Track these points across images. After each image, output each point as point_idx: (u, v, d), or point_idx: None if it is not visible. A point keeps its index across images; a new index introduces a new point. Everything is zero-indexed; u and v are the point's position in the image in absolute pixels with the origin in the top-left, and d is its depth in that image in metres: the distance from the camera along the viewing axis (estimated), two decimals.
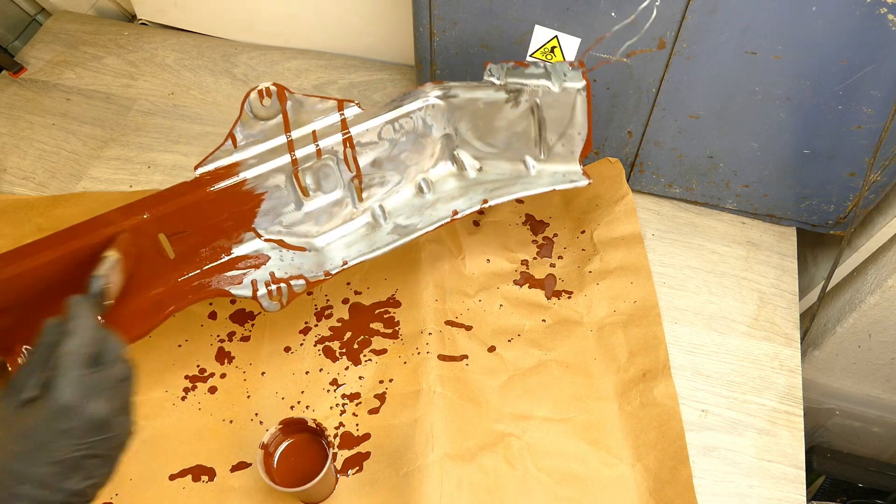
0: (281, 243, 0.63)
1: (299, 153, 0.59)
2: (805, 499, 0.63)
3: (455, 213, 0.64)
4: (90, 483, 0.39)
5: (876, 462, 0.97)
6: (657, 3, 0.60)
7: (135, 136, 0.86)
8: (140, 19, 0.99)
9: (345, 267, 0.63)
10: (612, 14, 0.62)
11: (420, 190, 0.67)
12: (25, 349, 0.48)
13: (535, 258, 0.76)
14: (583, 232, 0.77)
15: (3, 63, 0.91)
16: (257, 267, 0.62)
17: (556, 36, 0.66)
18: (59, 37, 0.96)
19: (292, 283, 0.61)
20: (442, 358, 0.68)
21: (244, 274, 0.61)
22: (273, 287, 0.60)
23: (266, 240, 0.63)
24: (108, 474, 0.40)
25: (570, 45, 0.66)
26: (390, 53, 0.94)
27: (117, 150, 0.85)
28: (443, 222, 0.64)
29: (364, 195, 0.66)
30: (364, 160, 0.63)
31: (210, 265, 0.61)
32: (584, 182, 0.65)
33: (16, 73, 0.92)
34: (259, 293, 0.60)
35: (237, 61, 0.94)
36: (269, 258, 0.63)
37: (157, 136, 0.86)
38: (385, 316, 0.71)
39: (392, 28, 0.90)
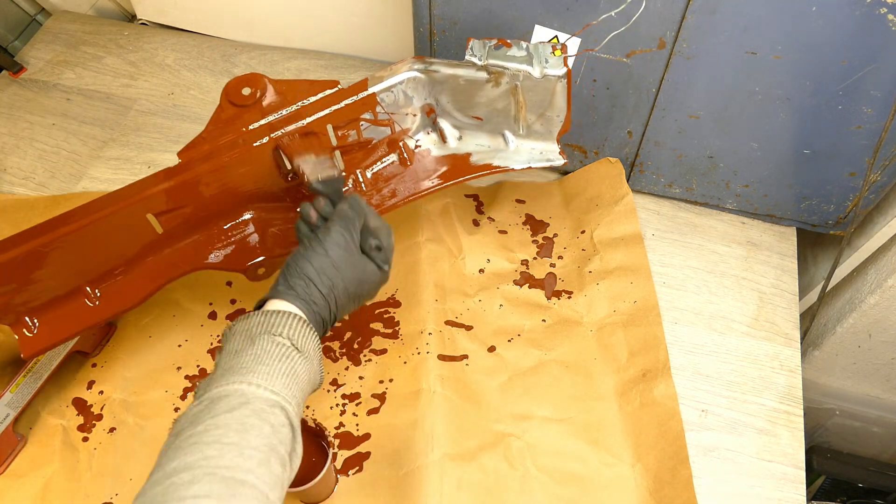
0: (267, 214, 0.64)
1: (279, 132, 0.60)
2: (805, 499, 0.63)
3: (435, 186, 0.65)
4: (341, 317, 0.53)
5: (876, 462, 0.97)
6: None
7: (135, 136, 0.86)
8: (140, 19, 0.99)
9: None
10: (612, 14, 0.62)
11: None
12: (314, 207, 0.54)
13: (535, 258, 0.76)
14: (583, 232, 0.77)
15: (3, 63, 0.91)
16: (246, 238, 0.62)
17: (556, 36, 0.66)
18: (59, 37, 0.96)
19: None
20: (442, 358, 0.68)
21: (234, 245, 0.62)
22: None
23: (253, 214, 0.63)
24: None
25: (570, 45, 0.66)
26: (390, 53, 0.94)
27: (117, 150, 0.85)
28: (427, 191, 0.65)
29: (346, 164, 0.66)
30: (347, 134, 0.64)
31: (200, 238, 0.62)
32: (559, 161, 0.66)
33: (16, 73, 0.92)
34: (248, 265, 0.61)
35: (237, 61, 0.94)
36: (255, 231, 0.63)
37: (157, 135, 0.86)
38: (385, 316, 0.71)
39: (392, 28, 0.90)
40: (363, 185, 0.66)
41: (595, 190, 0.78)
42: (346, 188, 0.66)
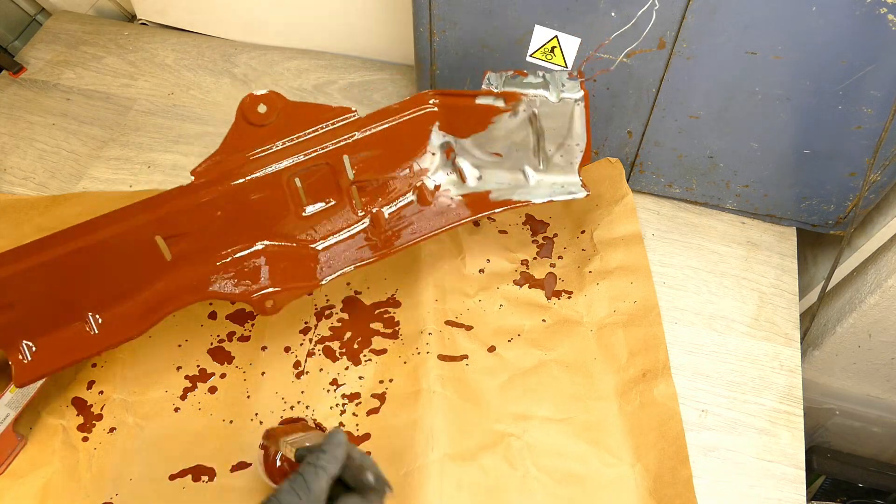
0: (279, 249, 0.63)
1: (295, 159, 0.59)
2: (805, 499, 0.63)
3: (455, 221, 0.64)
4: None
5: (876, 462, 0.97)
6: (656, 7, 0.60)
7: (135, 136, 0.86)
8: (140, 19, 0.99)
9: (337, 275, 0.63)
10: (612, 14, 0.62)
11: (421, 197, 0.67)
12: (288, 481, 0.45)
13: (535, 258, 0.76)
14: (583, 232, 0.77)
15: (3, 63, 0.91)
16: (256, 270, 0.62)
17: (556, 36, 0.66)
18: (59, 37, 0.96)
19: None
20: (442, 358, 0.68)
21: (243, 276, 0.61)
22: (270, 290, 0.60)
23: (265, 245, 0.63)
24: None
25: (570, 45, 0.66)
26: (390, 53, 0.94)
27: (117, 150, 0.85)
28: (443, 229, 0.64)
29: (363, 201, 0.66)
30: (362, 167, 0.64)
31: (208, 266, 0.61)
32: (582, 194, 0.65)
33: (16, 73, 0.92)
34: (254, 296, 0.60)
35: (237, 61, 0.94)
36: (266, 263, 0.63)
37: (157, 136, 0.86)
38: (385, 316, 0.71)
39: (392, 28, 0.90)
40: (382, 224, 0.66)
41: (595, 190, 0.78)
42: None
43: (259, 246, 0.62)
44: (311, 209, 0.63)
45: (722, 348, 0.71)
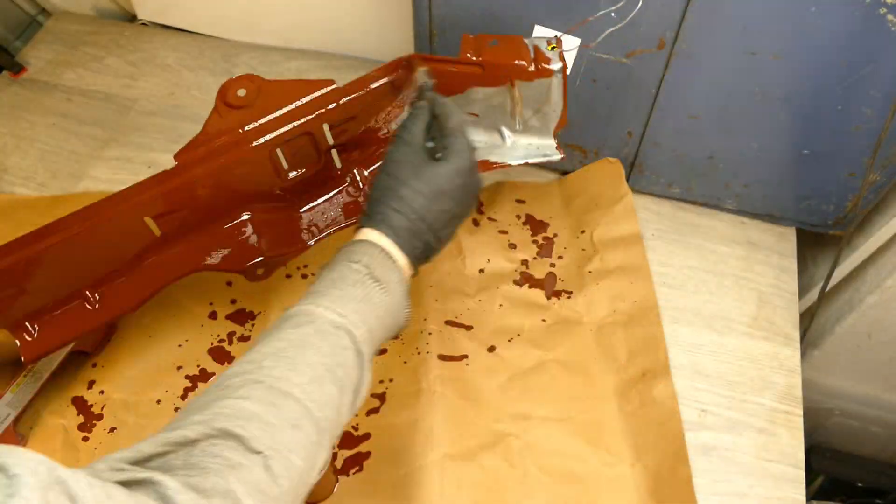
0: (265, 217, 0.64)
1: (276, 133, 0.60)
2: (805, 499, 0.63)
3: None
4: (449, 238, 0.50)
5: (875, 462, 0.97)
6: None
7: (135, 136, 0.86)
8: (140, 19, 0.99)
9: (323, 236, 0.64)
10: (612, 14, 0.62)
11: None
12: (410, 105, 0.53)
13: (535, 258, 0.76)
14: (583, 232, 0.77)
15: (4, 63, 0.91)
16: (244, 239, 0.62)
17: (556, 36, 0.66)
18: (59, 37, 0.96)
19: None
20: (442, 358, 0.68)
21: (231, 246, 0.62)
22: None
23: (251, 214, 0.64)
24: (450, 236, 0.51)
25: (571, 45, 0.66)
26: (390, 53, 0.94)
27: (118, 150, 0.85)
28: None
29: (343, 162, 0.66)
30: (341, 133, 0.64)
31: (197, 239, 0.62)
32: (557, 156, 0.66)
33: (16, 73, 0.92)
34: (247, 265, 0.61)
35: (237, 61, 0.94)
36: (253, 231, 0.63)
37: (158, 136, 0.86)
38: None
39: (392, 28, 0.90)
40: (360, 182, 0.66)
41: (595, 190, 0.78)
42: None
43: (245, 216, 0.62)
44: (292, 175, 0.63)
45: (721, 348, 0.71)
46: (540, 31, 0.66)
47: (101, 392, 0.67)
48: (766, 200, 0.77)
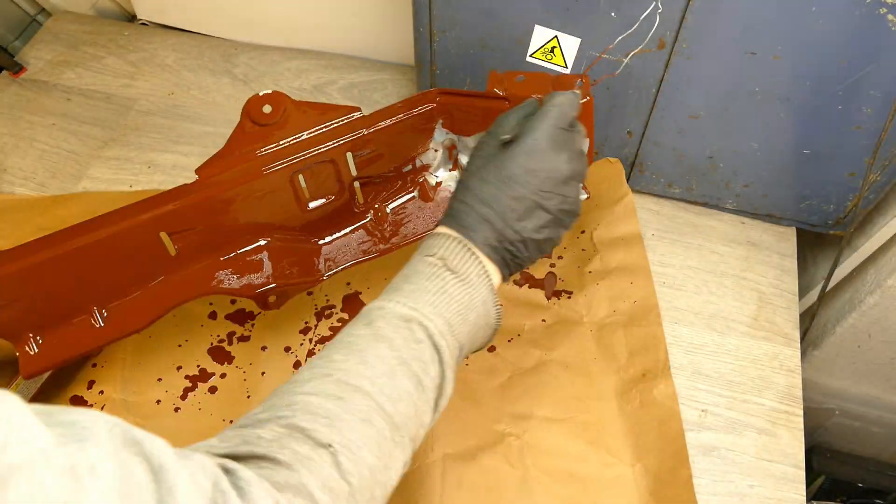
0: (282, 244, 0.64)
1: (299, 157, 0.60)
2: (805, 499, 0.63)
3: None
4: (540, 237, 0.46)
5: (876, 462, 0.97)
6: (659, 11, 0.60)
7: (135, 136, 0.86)
8: (140, 19, 0.99)
9: (340, 269, 0.63)
10: (612, 14, 0.62)
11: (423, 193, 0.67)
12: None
13: None
14: (583, 232, 0.77)
15: (4, 63, 0.91)
16: (259, 265, 0.62)
17: (556, 36, 0.66)
18: (59, 37, 0.96)
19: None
20: None
21: (246, 271, 0.62)
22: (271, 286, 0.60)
23: (268, 241, 0.63)
24: (553, 239, 0.47)
25: (570, 45, 0.66)
26: (390, 53, 0.94)
27: (117, 150, 0.85)
28: None
29: (366, 197, 0.66)
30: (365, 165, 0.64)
31: (212, 262, 0.61)
32: (582, 196, 0.65)
33: (16, 73, 0.92)
34: (257, 291, 0.60)
35: (237, 61, 0.94)
36: (269, 258, 0.63)
37: (158, 136, 0.86)
38: None
39: (392, 28, 0.90)
40: (382, 220, 0.66)
41: (595, 190, 0.78)
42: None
43: (262, 241, 0.62)
44: (313, 205, 0.63)
45: (722, 348, 0.71)
46: (540, 31, 0.66)
47: (101, 392, 0.67)
48: (766, 200, 0.77)
